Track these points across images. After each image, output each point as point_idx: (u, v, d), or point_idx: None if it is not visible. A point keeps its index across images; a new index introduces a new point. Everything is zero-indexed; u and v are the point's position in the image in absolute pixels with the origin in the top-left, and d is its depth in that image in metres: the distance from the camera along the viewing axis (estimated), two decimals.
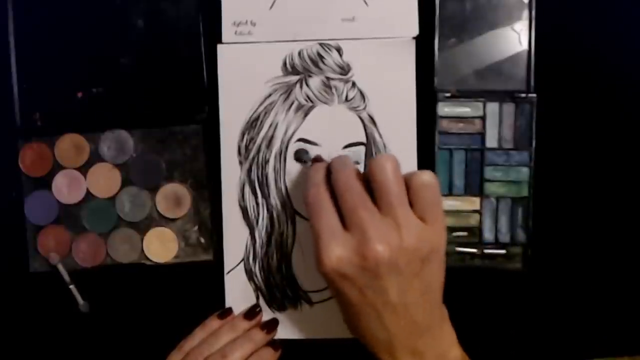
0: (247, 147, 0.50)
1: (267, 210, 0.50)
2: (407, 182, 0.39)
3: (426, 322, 0.39)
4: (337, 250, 0.37)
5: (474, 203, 0.49)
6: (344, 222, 0.38)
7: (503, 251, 0.49)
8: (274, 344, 0.48)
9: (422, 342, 0.39)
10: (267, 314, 0.50)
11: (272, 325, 0.48)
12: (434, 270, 0.39)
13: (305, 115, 0.49)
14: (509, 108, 0.49)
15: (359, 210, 0.37)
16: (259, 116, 0.50)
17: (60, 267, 0.50)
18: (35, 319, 0.51)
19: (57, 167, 0.50)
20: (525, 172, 0.49)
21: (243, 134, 0.50)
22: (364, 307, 0.38)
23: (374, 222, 0.37)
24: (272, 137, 0.50)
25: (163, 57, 0.50)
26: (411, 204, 0.38)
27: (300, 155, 0.49)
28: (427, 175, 0.38)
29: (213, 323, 0.48)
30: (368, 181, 0.39)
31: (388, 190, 0.38)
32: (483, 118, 0.49)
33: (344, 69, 0.49)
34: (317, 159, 0.46)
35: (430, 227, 0.38)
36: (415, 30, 0.49)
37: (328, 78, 0.49)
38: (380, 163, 0.38)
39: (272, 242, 0.50)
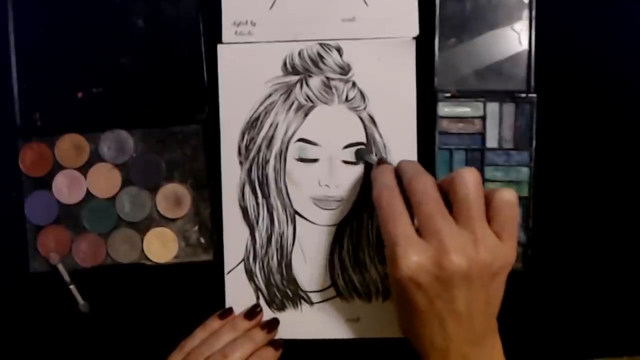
0: (247, 147, 0.50)
1: (267, 210, 0.50)
2: (488, 198, 0.39)
3: (483, 332, 0.39)
4: (415, 257, 0.37)
5: None
6: (419, 229, 0.38)
7: None
8: (274, 343, 0.48)
9: (475, 351, 0.39)
10: (267, 314, 0.50)
11: (272, 324, 0.48)
12: (499, 284, 0.40)
13: (306, 115, 0.49)
14: (509, 108, 0.49)
15: (437, 219, 0.38)
16: (259, 116, 0.50)
17: (60, 267, 0.50)
18: (35, 319, 0.51)
19: (57, 167, 0.50)
20: (525, 172, 0.49)
21: (243, 134, 0.50)
22: (430, 314, 0.38)
23: (452, 232, 0.37)
24: (272, 137, 0.50)
25: (163, 57, 0.50)
26: (489, 219, 0.39)
27: (361, 155, 0.49)
28: (509, 193, 0.39)
29: (214, 323, 0.48)
30: (444, 190, 0.40)
31: (469, 204, 0.38)
32: (483, 118, 0.49)
33: (344, 69, 0.49)
34: (383, 161, 0.46)
35: (505, 244, 0.39)
36: (415, 30, 0.49)
37: (328, 78, 0.49)
38: (463, 175, 0.38)
39: (272, 242, 0.50)
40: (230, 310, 0.49)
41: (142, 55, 0.50)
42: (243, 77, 0.50)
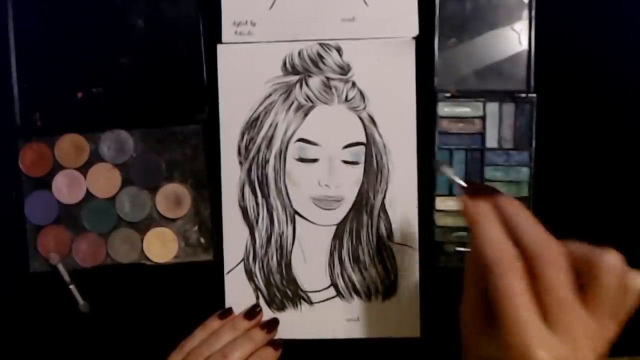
0: (247, 147, 0.50)
1: (267, 210, 0.50)
2: (624, 284, 0.35)
3: None
4: (547, 356, 0.32)
5: None
6: (543, 308, 0.33)
7: None
8: (274, 343, 0.48)
9: None
10: (267, 314, 0.50)
11: (272, 324, 0.48)
12: None
13: (305, 115, 0.49)
14: (509, 108, 0.49)
15: (570, 310, 0.33)
16: (259, 116, 0.50)
17: (60, 267, 0.50)
18: (35, 319, 0.51)
19: (57, 167, 0.50)
20: (525, 172, 0.49)
21: (243, 134, 0.50)
22: None
23: (586, 329, 0.34)
24: (272, 137, 0.50)
25: (163, 57, 0.50)
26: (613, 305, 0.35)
27: (440, 168, 0.42)
28: None
29: (213, 323, 0.48)
30: (572, 260, 0.35)
31: (609, 297, 0.34)
32: (483, 118, 0.49)
33: (344, 69, 0.49)
34: (476, 187, 0.38)
35: (616, 327, 0.35)
36: (415, 30, 0.49)
37: (328, 78, 0.49)
38: (610, 262, 0.35)
39: (272, 242, 0.50)
40: (230, 310, 0.49)
41: (142, 55, 0.50)
42: (243, 77, 0.50)
